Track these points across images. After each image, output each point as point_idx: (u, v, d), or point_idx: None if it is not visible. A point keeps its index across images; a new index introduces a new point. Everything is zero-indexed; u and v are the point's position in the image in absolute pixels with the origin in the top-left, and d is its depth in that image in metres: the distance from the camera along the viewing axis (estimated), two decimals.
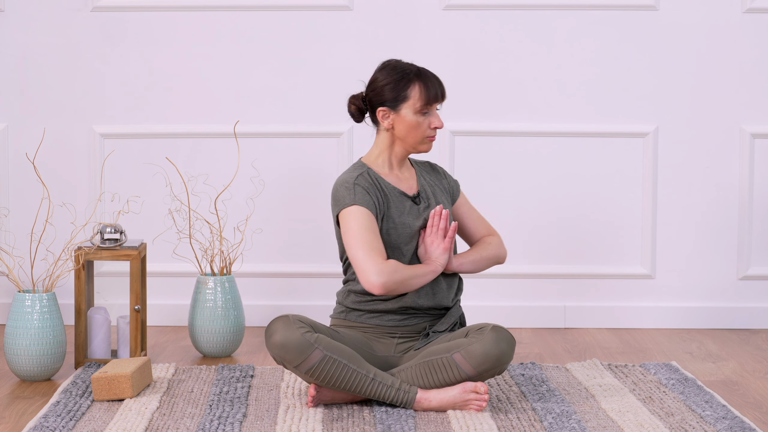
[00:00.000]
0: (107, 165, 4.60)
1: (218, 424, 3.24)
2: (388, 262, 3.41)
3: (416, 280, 3.44)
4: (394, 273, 3.39)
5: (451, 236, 3.50)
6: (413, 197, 3.55)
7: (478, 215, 3.71)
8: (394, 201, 3.52)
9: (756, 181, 4.69)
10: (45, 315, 3.79)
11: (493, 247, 3.64)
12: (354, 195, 3.46)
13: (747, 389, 3.75)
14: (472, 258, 3.60)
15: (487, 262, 3.62)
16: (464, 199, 3.70)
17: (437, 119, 3.51)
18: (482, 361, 3.33)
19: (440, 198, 3.60)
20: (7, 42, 4.65)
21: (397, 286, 3.40)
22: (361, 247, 3.40)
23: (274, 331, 3.37)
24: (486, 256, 3.62)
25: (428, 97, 3.48)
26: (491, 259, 3.63)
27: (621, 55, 4.67)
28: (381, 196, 3.50)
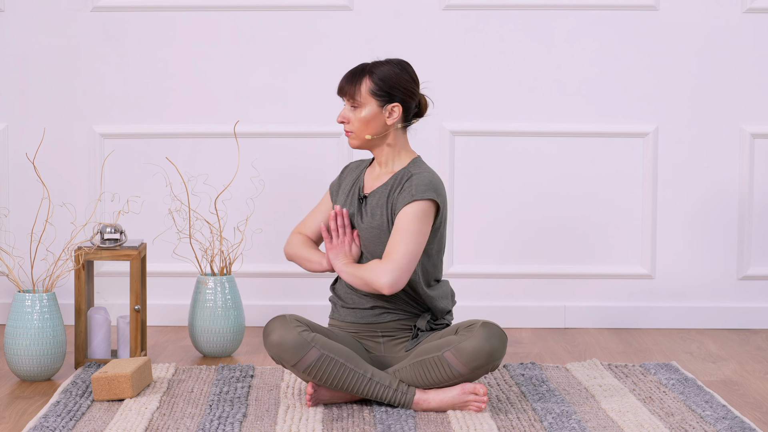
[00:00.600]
0: (107, 165, 4.60)
1: (218, 424, 3.24)
2: (295, 235, 3.66)
3: (302, 262, 3.62)
4: (288, 245, 3.66)
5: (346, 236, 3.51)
6: (362, 196, 3.56)
7: (396, 238, 3.41)
8: (351, 194, 3.57)
9: (756, 180, 4.69)
10: (45, 315, 3.79)
11: (368, 270, 3.42)
12: (337, 176, 3.71)
13: (747, 389, 3.75)
14: (351, 270, 3.48)
15: (359, 280, 3.45)
16: (400, 218, 3.43)
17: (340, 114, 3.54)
18: (473, 358, 3.32)
19: (375, 206, 3.51)
20: (7, 42, 4.65)
21: (291, 258, 3.64)
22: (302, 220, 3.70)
23: (272, 330, 3.37)
24: (359, 275, 3.45)
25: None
26: (362, 279, 3.44)
27: (621, 55, 4.67)
28: (344, 185, 3.61)
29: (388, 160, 3.54)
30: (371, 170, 3.58)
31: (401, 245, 3.39)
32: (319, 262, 3.57)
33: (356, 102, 3.48)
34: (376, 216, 3.49)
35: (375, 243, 3.48)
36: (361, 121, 3.48)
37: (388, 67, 3.49)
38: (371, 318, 3.52)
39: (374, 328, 3.53)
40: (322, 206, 3.68)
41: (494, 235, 4.72)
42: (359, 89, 3.47)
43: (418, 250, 3.41)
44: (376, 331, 3.53)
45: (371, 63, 3.51)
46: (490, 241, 4.73)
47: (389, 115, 3.48)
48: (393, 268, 3.38)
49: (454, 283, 4.35)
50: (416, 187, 3.43)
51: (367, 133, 3.49)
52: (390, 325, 3.52)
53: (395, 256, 3.39)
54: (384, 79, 3.47)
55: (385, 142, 3.52)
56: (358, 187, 3.56)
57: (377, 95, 3.47)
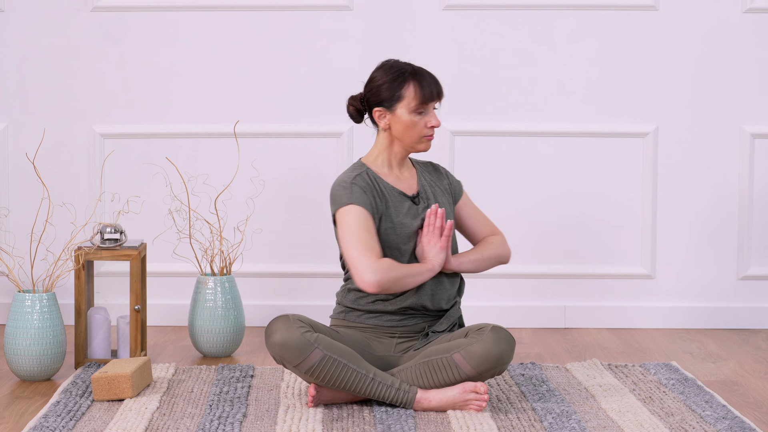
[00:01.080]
0: (107, 165, 4.60)
1: (218, 424, 3.24)
2: (383, 260, 3.41)
3: (412, 278, 3.44)
4: (388, 271, 3.39)
5: (447, 234, 3.49)
6: (412, 197, 3.55)
7: (482, 215, 3.69)
8: (392, 201, 3.51)
9: (756, 181, 4.69)
10: (45, 315, 3.79)
11: (494, 247, 3.62)
12: (351, 194, 3.46)
13: (747, 389, 3.75)
14: (473, 257, 3.59)
15: (488, 261, 3.61)
16: (467, 199, 3.69)
17: (434, 118, 3.51)
18: (482, 361, 3.33)
19: (440, 198, 3.60)
20: (7, 42, 4.65)
21: (392, 284, 3.40)
22: (356, 245, 3.40)
23: (274, 330, 3.37)
24: (487, 256, 3.60)
25: (423, 96, 3.48)
26: (493, 259, 3.61)
27: (621, 55, 4.67)
28: (378, 196, 3.50)
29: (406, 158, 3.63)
30: (388, 175, 3.56)
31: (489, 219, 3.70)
32: (430, 269, 3.48)
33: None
34: (444, 206, 3.58)
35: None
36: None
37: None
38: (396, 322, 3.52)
39: (394, 331, 3.52)
40: (370, 225, 3.45)
41: None
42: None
43: None
44: (395, 333, 3.53)
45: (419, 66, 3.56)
46: None
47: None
48: (504, 237, 3.67)
49: None
50: (452, 175, 3.70)
51: None
52: (412, 327, 3.53)
53: (496, 228, 3.68)
54: None
55: None
56: (396, 191, 3.55)
57: None
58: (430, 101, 3.50)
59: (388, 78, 3.49)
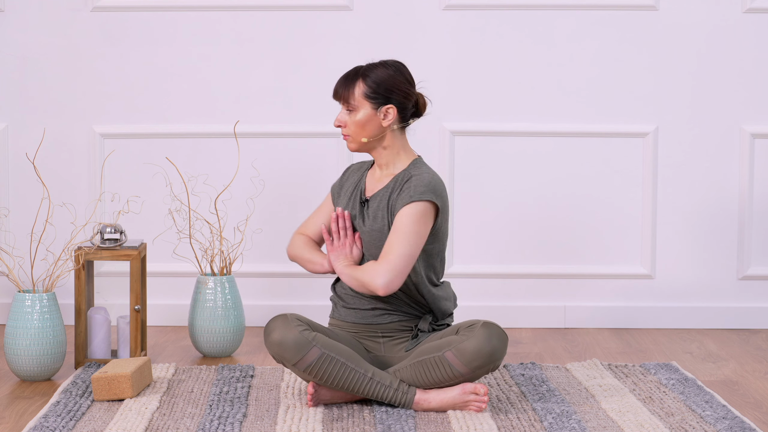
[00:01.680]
0: (107, 165, 4.60)
1: (218, 424, 3.24)
2: (296, 236, 3.67)
3: (305, 263, 3.62)
4: (292, 246, 3.66)
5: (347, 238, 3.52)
6: (363, 199, 3.55)
7: (393, 239, 3.40)
8: (353, 197, 3.57)
9: (756, 181, 4.69)
10: (45, 315, 3.79)
11: (364, 272, 3.42)
12: (338, 178, 3.68)
13: (747, 389, 3.75)
14: (348, 271, 3.49)
15: (356, 282, 3.45)
16: (397, 219, 3.42)
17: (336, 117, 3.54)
18: (474, 358, 3.32)
19: (377, 209, 3.51)
20: (7, 42, 4.65)
21: (295, 259, 3.65)
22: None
23: (273, 329, 3.37)
24: (356, 276, 3.45)
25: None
26: (358, 281, 3.43)
27: (621, 55, 4.67)
28: (346, 186, 3.60)
29: (387, 162, 3.54)
30: (372, 173, 3.58)
31: (397, 246, 3.38)
32: (320, 264, 3.58)
33: (351, 105, 3.48)
34: (377, 219, 3.48)
35: (376, 246, 3.48)
36: (356, 125, 3.48)
37: (382, 69, 3.49)
38: (371, 319, 3.52)
39: (374, 329, 3.53)
40: (324, 208, 3.68)
41: (494, 235, 4.72)
42: (353, 92, 3.47)
43: (415, 251, 3.40)
44: (377, 331, 3.53)
45: (365, 66, 3.51)
46: (490, 241, 4.73)
47: (384, 117, 3.48)
48: (388, 269, 3.37)
49: (455, 283, 4.35)
50: (414, 188, 3.42)
51: (363, 136, 3.49)
52: (390, 326, 3.52)
53: (390, 257, 3.38)
54: (378, 81, 3.47)
55: (381, 144, 3.51)
56: (360, 189, 3.56)
57: (371, 98, 3.47)
58: (335, 99, 3.54)
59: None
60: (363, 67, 3.50)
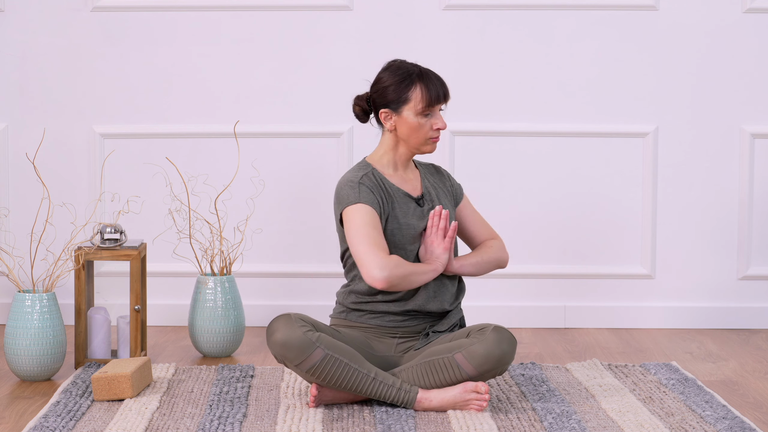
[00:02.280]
0: (107, 165, 4.60)
1: (218, 424, 3.24)
2: (391, 256, 3.40)
3: (417, 276, 3.44)
4: (396, 267, 3.38)
5: (450, 236, 3.50)
6: (417, 198, 3.55)
7: (481, 219, 3.71)
8: (398, 202, 3.52)
9: (756, 181, 4.69)
10: (45, 315, 3.79)
11: (494, 251, 3.64)
12: (359, 193, 3.46)
13: (747, 389, 3.75)
14: (474, 260, 3.60)
15: (488, 265, 3.62)
16: (467, 202, 3.70)
17: (440, 120, 3.50)
18: (484, 362, 3.33)
19: (443, 200, 3.60)
20: (7, 42, 4.65)
21: (399, 281, 3.39)
22: (364, 242, 3.39)
23: (276, 329, 3.37)
24: (487, 260, 3.62)
25: (430, 98, 3.47)
26: (492, 263, 3.63)
27: (621, 55, 4.67)
28: (385, 197, 3.50)
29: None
30: (394, 174, 3.56)
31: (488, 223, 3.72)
32: (434, 270, 3.50)
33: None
34: (447, 207, 3.59)
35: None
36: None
37: None
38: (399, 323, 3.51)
39: (395, 331, 3.52)
40: (377, 223, 3.45)
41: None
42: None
43: None
44: (396, 333, 3.52)
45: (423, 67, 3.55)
46: None
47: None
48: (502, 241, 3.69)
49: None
50: (453, 177, 3.70)
51: None
52: (413, 328, 3.53)
53: (495, 232, 3.70)
54: None
55: None
56: (402, 192, 3.55)
57: None
58: (437, 104, 3.49)
59: (395, 80, 3.49)
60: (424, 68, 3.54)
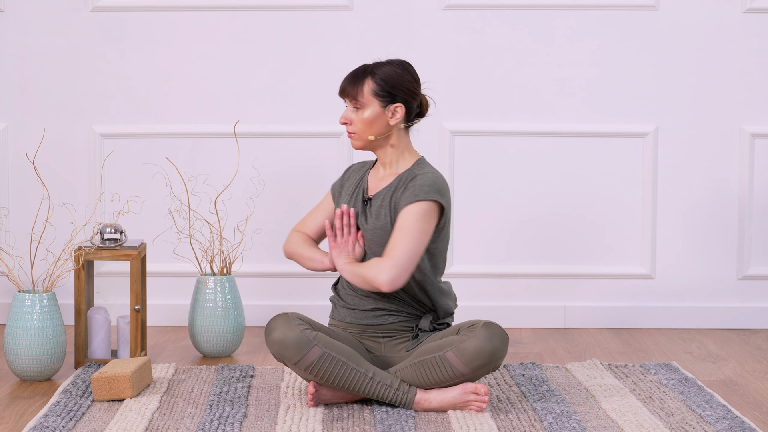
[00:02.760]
0: (107, 165, 4.60)
1: (218, 424, 3.24)
2: (293, 233, 3.67)
3: (303, 260, 3.61)
4: (288, 243, 3.66)
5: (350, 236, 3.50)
6: (366, 198, 3.55)
7: (396, 237, 3.40)
8: (355, 196, 3.56)
9: (756, 181, 4.69)
10: (45, 315, 3.79)
11: (368, 268, 3.42)
12: (338, 178, 3.68)
13: (747, 389, 3.75)
14: (349, 268, 3.48)
15: (359, 278, 3.44)
16: (403, 217, 3.43)
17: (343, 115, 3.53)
18: (474, 358, 3.32)
19: (374, 206, 3.52)
20: (7, 42, 4.65)
21: (290, 256, 3.65)
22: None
23: (274, 328, 3.37)
24: (359, 272, 3.45)
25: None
26: (362, 277, 3.43)
27: (621, 55, 4.67)
28: (352, 188, 3.58)
29: (392, 161, 3.54)
30: (375, 172, 3.58)
31: (402, 243, 3.39)
32: (320, 261, 3.57)
33: (358, 103, 3.47)
34: (380, 217, 3.48)
35: (379, 244, 3.48)
36: (363, 122, 3.48)
37: (390, 67, 3.49)
38: (372, 319, 3.52)
39: (375, 329, 3.53)
40: (323, 206, 3.67)
41: (494, 235, 4.72)
42: (361, 90, 3.47)
43: (420, 249, 3.40)
44: (377, 332, 3.53)
45: (373, 64, 3.51)
46: (490, 241, 4.73)
47: (392, 115, 3.48)
48: (392, 265, 3.37)
49: (455, 283, 4.35)
50: (420, 188, 3.43)
51: (370, 134, 3.49)
52: (391, 326, 3.52)
53: (395, 254, 3.38)
54: (386, 79, 3.47)
55: (388, 143, 3.52)
56: (362, 188, 3.56)
57: (380, 96, 3.46)
58: (341, 97, 3.52)
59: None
60: (371, 65, 3.50)
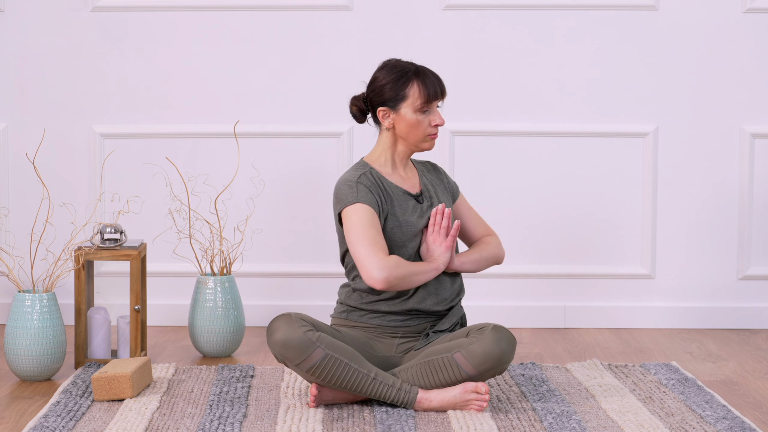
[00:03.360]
0: (107, 165, 4.60)
1: (218, 424, 3.24)
2: (390, 257, 3.41)
3: (418, 276, 3.44)
4: (396, 268, 3.39)
5: (453, 235, 3.50)
6: (416, 196, 3.56)
7: (477, 216, 3.72)
8: (397, 200, 3.52)
9: (756, 181, 4.69)
10: (45, 315, 3.79)
11: (492, 247, 3.66)
12: (357, 193, 3.46)
13: (747, 389, 3.75)
14: (473, 257, 3.61)
15: (486, 261, 3.64)
16: (463, 199, 3.72)
17: (438, 117, 3.51)
18: (483, 361, 3.33)
19: (442, 197, 3.61)
20: (7, 42, 4.65)
21: (399, 281, 3.39)
22: (363, 242, 3.39)
23: (276, 329, 3.37)
24: (486, 256, 3.64)
25: (427, 95, 3.48)
26: (490, 259, 3.66)
27: (621, 55, 4.67)
28: (384, 195, 3.50)
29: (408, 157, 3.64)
30: (393, 173, 3.57)
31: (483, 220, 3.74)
32: (435, 268, 3.50)
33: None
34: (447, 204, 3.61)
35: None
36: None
37: None
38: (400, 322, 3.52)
39: (396, 331, 3.52)
40: (376, 223, 3.45)
41: None
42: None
43: None
44: (397, 333, 3.53)
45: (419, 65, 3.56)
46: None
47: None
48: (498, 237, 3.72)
49: None
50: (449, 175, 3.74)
51: None
52: (415, 328, 3.52)
53: (489, 228, 3.72)
54: None
55: None
56: (400, 190, 3.55)
57: None
58: (434, 100, 3.50)
59: (392, 78, 3.50)
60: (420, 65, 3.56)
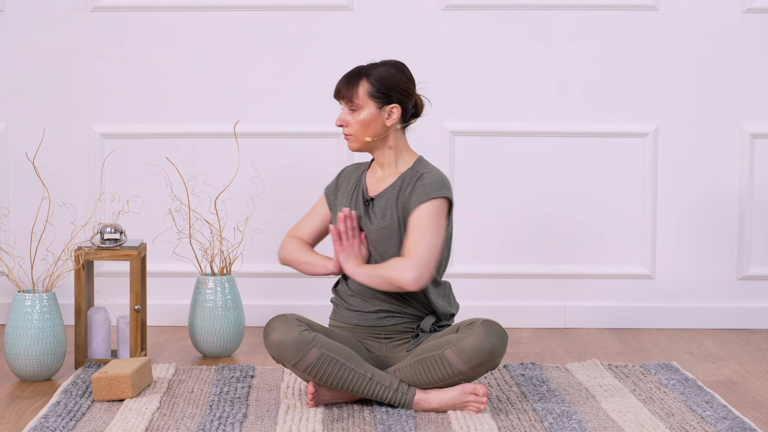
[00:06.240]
0: (107, 165, 4.60)
1: (218, 424, 3.24)
2: (290, 238, 3.64)
3: (302, 266, 3.58)
4: (285, 248, 3.63)
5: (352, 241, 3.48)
6: (368, 199, 3.54)
7: (416, 236, 3.42)
8: (354, 197, 3.55)
9: (756, 181, 4.70)
10: (45, 315, 3.79)
11: (389, 268, 3.42)
12: (332, 180, 3.66)
13: (747, 389, 3.75)
14: (365, 271, 3.46)
15: (378, 279, 3.43)
16: (416, 215, 3.44)
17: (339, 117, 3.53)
18: (473, 356, 3.32)
19: (377, 207, 3.51)
20: (7, 42, 4.65)
21: (288, 262, 3.61)
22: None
23: (272, 329, 3.37)
24: (379, 273, 3.44)
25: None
26: (383, 278, 3.42)
27: (621, 55, 4.67)
28: (349, 190, 3.56)
29: (390, 161, 3.54)
30: (372, 173, 3.58)
31: (422, 242, 3.40)
32: (323, 265, 3.55)
33: (354, 105, 3.48)
34: (386, 217, 3.48)
35: (385, 244, 3.48)
36: (360, 124, 3.48)
37: (385, 68, 3.50)
38: (374, 321, 3.51)
39: (377, 331, 3.52)
40: (318, 210, 3.66)
41: (494, 235, 4.72)
42: (357, 92, 3.47)
43: (439, 245, 3.42)
44: (380, 333, 3.53)
45: (367, 65, 3.51)
46: (490, 241, 4.73)
47: (388, 116, 3.48)
48: (416, 264, 3.38)
49: (454, 283, 4.35)
50: (430, 186, 3.44)
51: (367, 136, 3.49)
52: (393, 328, 3.52)
53: (417, 252, 3.39)
54: (381, 80, 3.47)
55: (386, 144, 3.52)
56: (362, 189, 3.55)
57: (375, 97, 3.47)
58: (336, 98, 3.52)
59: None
60: (365, 66, 3.51)
